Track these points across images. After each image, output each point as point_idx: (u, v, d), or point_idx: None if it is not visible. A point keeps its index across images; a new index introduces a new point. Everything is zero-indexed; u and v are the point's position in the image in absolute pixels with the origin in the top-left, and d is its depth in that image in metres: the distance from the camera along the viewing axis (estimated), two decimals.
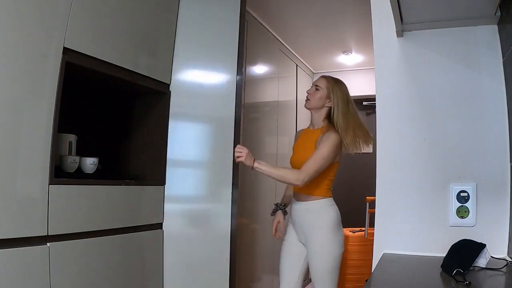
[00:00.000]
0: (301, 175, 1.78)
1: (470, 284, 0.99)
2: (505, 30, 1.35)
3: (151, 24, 1.89)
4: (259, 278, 3.18)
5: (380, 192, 1.52)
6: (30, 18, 1.34)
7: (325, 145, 1.83)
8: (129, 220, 1.76)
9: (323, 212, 1.90)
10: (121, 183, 1.75)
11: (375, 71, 1.57)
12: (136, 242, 1.78)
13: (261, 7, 2.96)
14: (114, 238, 1.68)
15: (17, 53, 1.31)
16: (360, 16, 2.98)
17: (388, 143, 1.52)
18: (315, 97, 1.96)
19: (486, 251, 1.16)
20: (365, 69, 4.35)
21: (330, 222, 1.88)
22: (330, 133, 1.86)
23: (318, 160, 1.80)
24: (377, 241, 1.50)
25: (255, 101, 3.13)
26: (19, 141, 1.31)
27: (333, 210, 1.92)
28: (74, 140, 1.75)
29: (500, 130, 1.38)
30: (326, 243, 1.87)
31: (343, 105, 1.92)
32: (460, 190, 1.40)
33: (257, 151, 3.15)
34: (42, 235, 1.37)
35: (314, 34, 3.50)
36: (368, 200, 3.37)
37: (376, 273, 1.18)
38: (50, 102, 1.40)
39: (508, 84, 1.36)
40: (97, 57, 1.58)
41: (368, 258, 1.64)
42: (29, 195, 1.34)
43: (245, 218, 2.94)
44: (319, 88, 1.96)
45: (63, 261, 1.44)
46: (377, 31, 1.57)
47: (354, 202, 4.38)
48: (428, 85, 1.49)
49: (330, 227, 1.88)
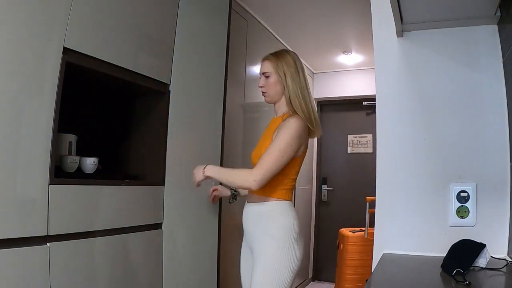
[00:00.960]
0: (252, 175, 1.45)
1: (470, 284, 0.99)
2: (505, 30, 1.35)
3: (151, 24, 1.89)
4: None
5: (380, 192, 1.52)
6: (30, 18, 1.34)
7: (282, 134, 1.50)
8: (129, 220, 1.76)
9: (275, 217, 1.55)
10: (121, 183, 1.75)
11: (375, 71, 1.57)
12: (136, 242, 1.78)
13: (261, 7, 2.96)
14: (114, 238, 1.68)
15: (17, 53, 1.31)
16: (360, 16, 2.98)
17: (388, 143, 1.52)
18: (270, 86, 1.67)
19: (486, 251, 1.16)
20: (365, 69, 4.35)
21: (283, 231, 1.53)
22: (290, 119, 1.55)
23: (273, 154, 1.46)
24: (377, 241, 1.50)
25: (255, 101, 3.13)
26: (19, 141, 1.31)
27: (289, 217, 1.56)
28: (74, 140, 1.75)
29: (500, 130, 1.38)
30: (274, 257, 1.50)
31: (293, 79, 1.62)
32: (460, 190, 1.40)
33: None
34: (42, 235, 1.37)
35: (314, 34, 3.51)
36: (368, 200, 3.37)
37: (376, 273, 1.18)
38: (50, 102, 1.40)
39: (508, 84, 1.36)
40: (97, 57, 1.58)
41: (368, 258, 1.64)
42: (29, 195, 1.34)
43: None
44: (268, 73, 1.67)
45: (63, 261, 1.44)
46: (377, 31, 1.57)
47: (354, 202, 4.38)
48: (428, 85, 1.49)
49: (281, 237, 1.52)
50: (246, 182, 1.46)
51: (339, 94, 4.57)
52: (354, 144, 4.61)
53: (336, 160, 4.68)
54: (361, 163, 4.52)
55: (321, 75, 4.67)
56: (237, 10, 2.77)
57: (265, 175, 1.45)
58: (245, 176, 1.48)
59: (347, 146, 4.65)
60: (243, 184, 1.50)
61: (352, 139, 4.62)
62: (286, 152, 1.49)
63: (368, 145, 4.54)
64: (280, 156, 1.48)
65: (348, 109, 4.68)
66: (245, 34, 2.93)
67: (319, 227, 4.69)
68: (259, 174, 1.45)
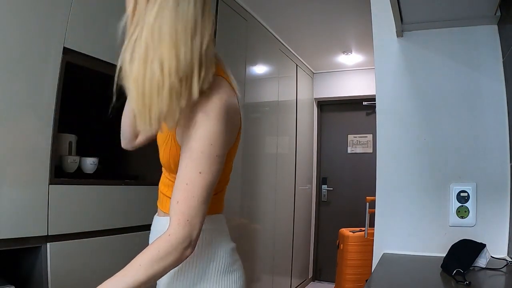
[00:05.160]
0: (177, 237, 0.80)
1: (470, 284, 0.99)
2: (505, 30, 1.35)
3: None
4: (259, 278, 3.18)
5: (380, 192, 1.52)
6: (30, 18, 1.34)
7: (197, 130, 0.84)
8: (129, 220, 1.76)
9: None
10: (121, 183, 1.75)
11: (375, 71, 1.57)
12: (136, 242, 1.77)
13: (261, 7, 2.96)
14: (114, 238, 1.68)
15: (17, 53, 1.31)
16: (360, 16, 2.98)
17: (388, 143, 1.52)
18: None
19: (486, 251, 1.16)
20: (365, 69, 4.35)
21: (206, 259, 0.93)
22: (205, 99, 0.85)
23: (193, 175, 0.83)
24: (377, 241, 1.50)
25: (255, 101, 3.13)
26: (19, 141, 1.31)
27: (216, 238, 0.97)
28: (74, 140, 1.75)
29: (500, 130, 1.38)
30: None
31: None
32: (460, 190, 1.40)
33: (257, 151, 3.15)
34: (42, 235, 1.37)
35: (314, 34, 3.50)
36: (368, 200, 3.37)
37: (376, 273, 1.18)
38: (50, 102, 1.40)
39: (508, 84, 1.36)
40: (97, 57, 1.58)
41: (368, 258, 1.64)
42: (29, 195, 1.34)
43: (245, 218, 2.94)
44: None
45: (63, 261, 1.44)
46: (377, 31, 1.57)
47: (354, 202, 4.39)
48: (428, 85, 1.49)
49: (203, 267, 0.92)
50: (174, 258, 0.81)
51: (339, 94, 4.56)
52: (354, 144, 4.61)
53: (336, 160, 4.68)
54: (361, 163, 4.52)
55: (321, 75, 4.67)
56: (237, 10, 2.77)
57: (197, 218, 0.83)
58: (163, 249, 0.81)
59: (347, 146, 4.64)
60: (173, 262, 0.81)
61: (352, 139, 4.62)
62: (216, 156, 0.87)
63: (368, 145, 4.54)
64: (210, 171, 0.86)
65: (348, 109, 4.68)
66: (245, 34, 2.93)
67: (319, 227, 4.69)
68: (188, 227, 0.82)
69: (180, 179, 0.84)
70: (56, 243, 1.42)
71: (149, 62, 0.80)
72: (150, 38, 0.80)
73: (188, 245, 0.81)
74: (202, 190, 0.83)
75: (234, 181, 2.57)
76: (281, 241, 3.64)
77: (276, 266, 3.51)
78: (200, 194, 0.83)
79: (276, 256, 3.51)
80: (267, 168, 3.36)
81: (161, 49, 0.79)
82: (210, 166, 0.83)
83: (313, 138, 4.65)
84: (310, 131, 4.53)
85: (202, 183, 0.83)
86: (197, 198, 0.82)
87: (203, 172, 0.83)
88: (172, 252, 0.80)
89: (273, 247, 3.46)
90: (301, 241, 4.21)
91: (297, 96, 4.09)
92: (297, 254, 4.04)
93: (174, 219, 0.82)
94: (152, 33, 0.80)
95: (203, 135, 0.82)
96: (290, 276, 3.86)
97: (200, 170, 0.83)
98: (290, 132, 3.92)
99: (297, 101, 4.08)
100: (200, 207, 0.82)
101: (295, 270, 3.99)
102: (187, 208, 0.82)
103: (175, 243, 0.80)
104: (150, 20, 0.81)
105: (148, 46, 0.80)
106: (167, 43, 0.79)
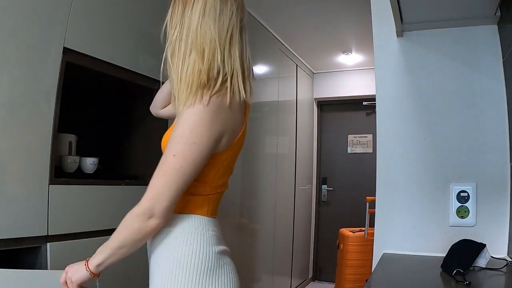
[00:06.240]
0: (141, 208, 0.92)
1: (470, 284, 0.99)
2: (505, 30, 1.35)
3: (151, 24, 1.89)
4: (259, 278, 3.18)
5: (380, 192, 1.52)
6: (30, 18, 1.34)
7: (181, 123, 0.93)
8: None
9: (177, 239, 0.97)
10: (121, 183, 1.75)
11: (375, 71, 1.57)
12: None
13: (261, 7, 2.96)
14: None
15: (17, 53, 1.31)
16: (360, 16, 2.98)
17: (388, 143, 1.52)
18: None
19: (486, 251, 1.16)
20: (365, 69, 4.35)
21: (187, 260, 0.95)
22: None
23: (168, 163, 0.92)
24: (377, 241, 1.50)
25: (255, 101, 3.12)
26: (19, 141, 1.31)
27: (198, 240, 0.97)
28: (74, 140, 1.75)
29: (500, 130, 1.38)
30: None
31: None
32: (460, 190, 1.40)
33: (257, 151, 3.15)
34: (42, 235, 1.37)
35: (314, 34, 3.50)
36: (368, 200, 3.37)
37: (376, 273, 1.18)
38: (50, 102, 1.40)
39: (508, 84, 1.36)
40: (97, 57, 1.58)
41: (368, 258, 1.64)
42: (29, 195, 1.34)
43: (245, 218, 2.94)
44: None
45: (63, 261, 1.44)
46: (377, 31, 1.57)
47: (354, 202, 4.39)
48: (428, 85, 1.49)
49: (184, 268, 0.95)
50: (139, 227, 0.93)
51: (339, 94, 4.57)
52: (354, 144, 4.61)
53: (336, 160, 4.68)
54: (361, 163, 4.52)
55: (321, 75, 4.67)
56: None
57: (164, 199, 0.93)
58: (133, 219, 0.95)
59: (347, 146, 4.65)
60: (140, 235, 0.94)
61: (352, 139, 4.62)
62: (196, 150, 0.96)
63: (368, 145, 4.54)
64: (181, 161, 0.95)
65: (348, 109, 4.68)
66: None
67: (319, 227, 4.69)
68: (154, 203, 0.93)
69: (160, 161, 0.94)
70: (56, 243, 1.42)
71: (186, 58, 0.97)
72: (189, 38, 0.98)
73: (151, 216, 0.92)
74: (171, 171, 0.91)
75: (234, 181, 2.58)
76: (281, 241, 3.64)
77: (276, 266, 3.51)
78: (168, 175, 0.91)
79: (276, 256, 3.51)
80: (267, 168, 3.36)
81: (196, 48, 0.97)
82: (184, 151, 0.91)
83: (313, 138, 4.65)
84: (310, 131, 4.53)
85: (172, 165, 0.91)
86: (165, 178, 0.91)
87: (177, 155, 0.91)
88: (134, 220, 0.93)
89: (273, 247, 3.46)
90: (301, 241, 4.21)
91: (297, 96, 4.09)
92: (297, 254, 4.04)
93: (144, 194, 0.94)
94: (189, 35, 0.98)
95: (184, 122, 0.92)
96: (290, 276, 3.86)
97: (174, 153, 0.91)
98: (290, 132, 3.92)
99: (297, 101, 4.08)
100: (167, 187, 0.91)
101: (295, 270, 3.99)
102: (155, 185, 0.92)
103: (136, 212, 0.93)
104: (189, 23, 0.99)
105: (186, 44, 0.98)
106: (201, 45, 0.97)
